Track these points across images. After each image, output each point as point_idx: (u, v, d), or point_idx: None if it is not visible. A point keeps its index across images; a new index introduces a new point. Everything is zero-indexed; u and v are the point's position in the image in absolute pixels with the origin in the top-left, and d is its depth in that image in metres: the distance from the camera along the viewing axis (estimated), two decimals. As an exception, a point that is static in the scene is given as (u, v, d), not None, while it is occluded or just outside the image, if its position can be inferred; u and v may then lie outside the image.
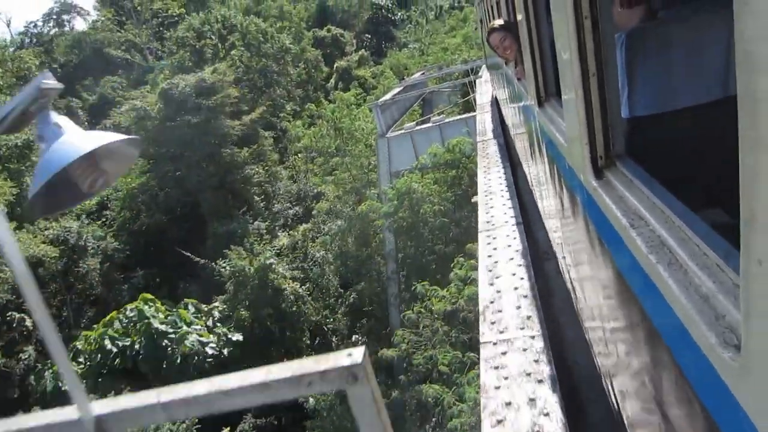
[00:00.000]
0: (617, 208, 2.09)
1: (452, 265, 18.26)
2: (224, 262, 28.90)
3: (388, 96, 27.91)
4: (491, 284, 5.88)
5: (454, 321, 16.89)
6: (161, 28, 64.14)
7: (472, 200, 14.85)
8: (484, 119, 14.95)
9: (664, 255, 1.67)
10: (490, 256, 6.51)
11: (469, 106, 29.11)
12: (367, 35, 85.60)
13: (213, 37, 43.19)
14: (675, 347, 1.67)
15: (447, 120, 25.31)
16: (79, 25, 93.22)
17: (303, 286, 29.94)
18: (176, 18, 58.88)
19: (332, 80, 57.20)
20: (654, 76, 2.79)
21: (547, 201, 4.87)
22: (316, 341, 32.13)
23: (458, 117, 25.37)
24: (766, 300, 1.01)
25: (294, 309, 28.50)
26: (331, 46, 67.00)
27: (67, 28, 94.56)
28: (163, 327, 25.33)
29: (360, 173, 29.54)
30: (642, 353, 2.12)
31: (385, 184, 26.42)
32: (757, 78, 0.89)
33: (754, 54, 0.89)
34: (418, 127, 25.94)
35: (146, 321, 25.29)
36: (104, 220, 42.54)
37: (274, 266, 27.94)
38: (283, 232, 40.03)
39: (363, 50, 65.80)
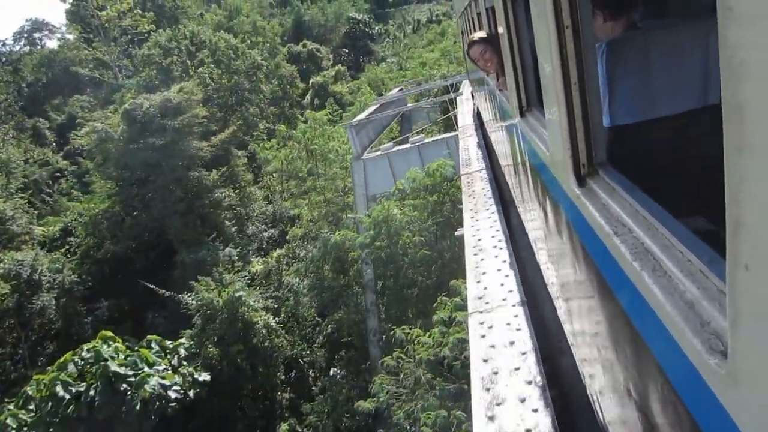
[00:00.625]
0: (600, 215, 2.08)
1: (435, 305, 16.46)
2: (190, 295, 26.69)
3: (362, 115, 26.10)
4: (491, 418, 4.03)
5: (439, 368, 15.08)
6: (131, 46, 61.90)
7: (456, 233, 13.06)
8: (467, 145, 13.19)
9: (648, 262, 1.65)
10: (486, 361, 4.67)
11: (450, 124, 27.53)
12: (344, 50, 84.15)
13: (181, 54, 41.16)
14: (660, 354, 1.64)
15: (426, 141, 23.62)
16: (52, 43, 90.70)
17: (277, 318, 27.87)
18: (146, 35, 56.69)
19: (308, 96, 55.40)
20: (634, 86, 2.82)
21: (530, 210, 4.84)
22: (292, 374, 30.04)
23: (438, 137, 23.69)
24: (752, 305, 1.00)
25: (266, 344, 26.39)
26: (307, 62, 65.35)
27: (39, 47, 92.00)
28: (121, 369, 23.06)
29: (335, 196, 27.68)
30: (627, 360, 2.06)
31: (361, 210, 24.60)
32: (742, 84, 0.89)
33: (738, 60, 0.89)
34: (396, 149, 24.20)
35: (103, 363, 23.00)
36: (68, 247, 40.13)
37: (244, 299, 25.84)
38: (257, 257, 37.95)
39: (340, 65, 64.12)
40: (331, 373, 29.30)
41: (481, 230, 8.25)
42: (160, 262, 36.46)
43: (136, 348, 25.25)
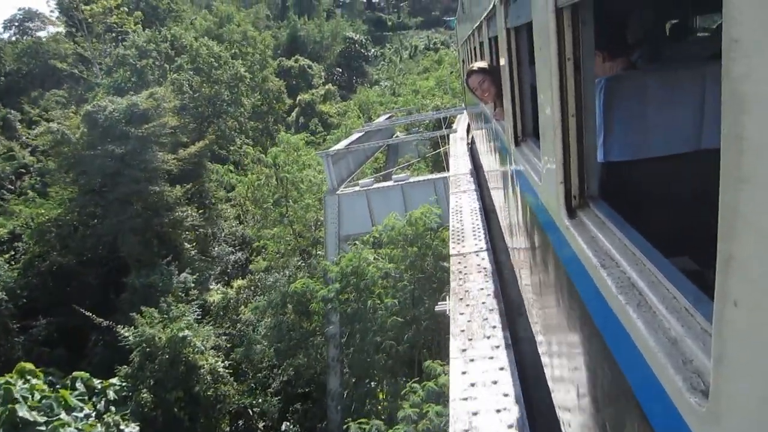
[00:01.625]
0: (588, 248, 2.07)
1: (403, 392, 13.29)
2: (127, 329, 23.17)
3: (341, 144, 22.97)
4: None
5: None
6: (115, 44, 58.54)
7: (436, 308, 10.36)
8: (460, 206, 10.11)
9: (633, 296, 1.65)
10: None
11: (440, 160, 24.61)
12: (338, 69, 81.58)
13: (159, 57, 37.93)
14: (640, 390, 1.62)
15: (412, 180, 20.57)
16: (43, 35, 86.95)
17: (227, 360, 24.35)
18: (131, 34, 53.48)
19: (294, 114, 52.33)
20: (629, 123, 2.81)
21: (518, 238, 4.77)
22: (240, 424, 26.41)
23: (425, 177, 20.67)
24: (739, 343, 0.99)
25: (211, 392, 22.87)
26: (297, 78, 62.48)
27: (28, 37, 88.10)
28: (32, 415, 19.40)
29: (305, 230, 24.48)
30: (606, 394, 2.05)
31: (331, 251, 21.41)
32: (744, 115, 0.90)
33: (741, 92, 0.89)
34: (377, 185, 21.14)
35: (10, 406, 19.34)
36: (13, 253, 36.24)
37: (189, 339, 22.36)
38: (218, 282, 34.39)
39: (330, 84, 61.26)
40: (283, 428, 25.79)
41: (476, 367, 5.37)
42: (112, 281, 32.80)
43: (57, 386, 21.63)
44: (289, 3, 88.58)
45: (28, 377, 21.66)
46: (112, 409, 21.74)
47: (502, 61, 4.38)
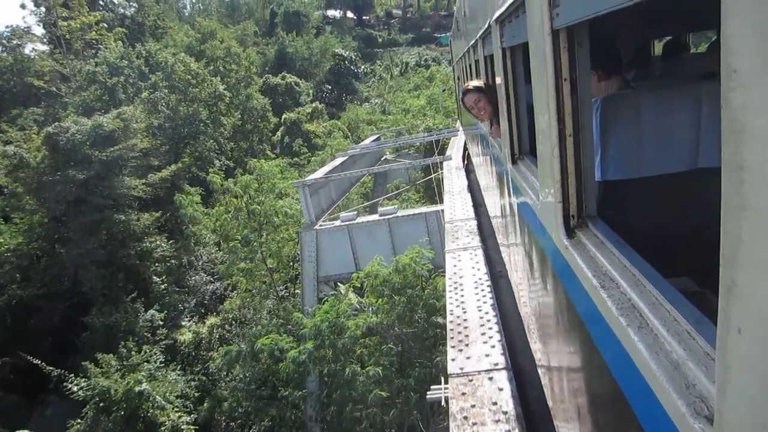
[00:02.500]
0: (588, 268, 2.06)
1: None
2: (77, 381, 20.27)
3: (319, 173, 20.16)
4: None
5: None
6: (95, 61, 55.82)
7: (428, 396, 7.78)
8: (460, 277, 7.42)
9: (634, 318, 1.62)
10: None
11: (433, 187, 21.98)
12: (327, 86, 79.15)
13: (131, 75, 35.23)
14: (642, 414, 1.60)
15: (400, 214, 17.87)
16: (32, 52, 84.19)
17: (193, 414, 21.38)
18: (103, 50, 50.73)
19: (279, 133, 49.66)
20: (626, 143, 2.79)
21: (515, 257, 4.72)
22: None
23: (416, 211, 17.97)
24: (744, 370, 0.98)
25: (173, 454, 19.94)
26: (284, 95, 59.92)
27: (15, 53, 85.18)
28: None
29: (282, 266, 21.68)
30: (608, 418, 2.04)
31: (309, 295, 18.66)
32: (744, 145, 0.90)
33: (741, 122, 0.90)
34: (361, 220, 18.42)
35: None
36: (-28, 284, 33.18)
37: (147, 393, 19.46)
38: (193, 317, 31.40)
39: (317, 102, 58.70)
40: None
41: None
42: (76, 317, 29.79)
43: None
44: (278, 19, 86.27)
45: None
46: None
47: (498, 80, 4.31)
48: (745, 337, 0.94)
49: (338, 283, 19.43)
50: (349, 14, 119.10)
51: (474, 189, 13.36)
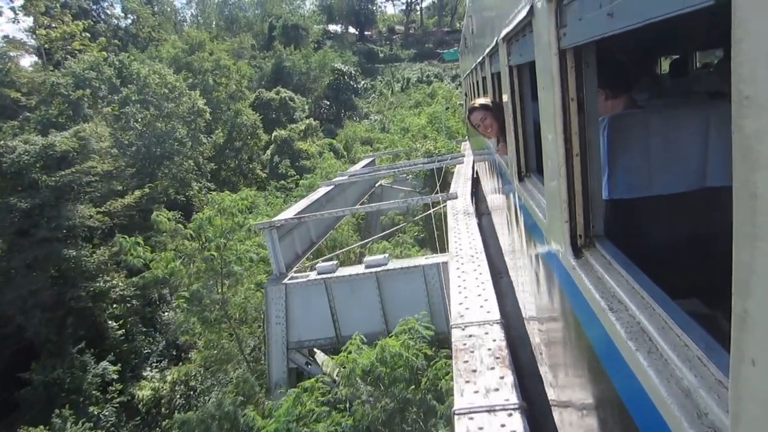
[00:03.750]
0: (596, 289, 2.01)
1: None
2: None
3: (290, 212, 15.82)
4: None
5: None
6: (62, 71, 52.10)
7: None
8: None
9: (644, 342, 1.58)
10: None
11: (431, 224, 17.93)
12: (326, 101, 75.46)
13: (100, 87, 31.34)
14: None
15: (391, 267, 13.74)
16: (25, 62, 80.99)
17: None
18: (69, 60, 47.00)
19: (269, 152, 45.72)
20: (633, 162, 2.76)
21: (522, 275, 4.70)
22: None
23: (411, 263, 13.78)
24: (759, 404, 0.95)
25: None
26: (278, 111, 56.08)
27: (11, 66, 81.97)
28: None
29: (246, 326, 17.57)
30: None
31: (276, 366, 14.59)
32: (758, 174, 0.89)
33: (754, 149, 0.89)
34: (341, 273, 14.28)
35: None
36: None
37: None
38: (158, 364, 27.20)
39: (312, 119, 54.83)
40: None
41: None
42: (22, 365, 25.67)
43: None
44: (276, 33, 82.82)
45: None
46: None
47: (505, 98, 4.28)
48: (760, 369, 0.92)
49: (314, 351, 15.36)
50: (351, 29, 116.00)
51: (491, 245, 9.46)
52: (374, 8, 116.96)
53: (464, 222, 11.46)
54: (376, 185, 25.95)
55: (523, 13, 2.83)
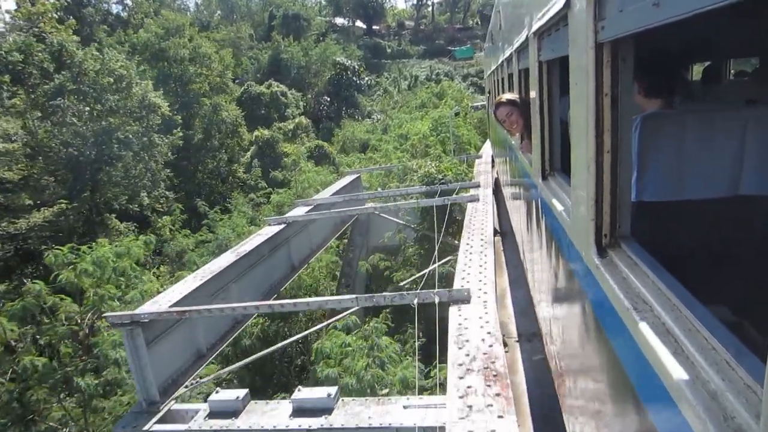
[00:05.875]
0: (620, 289, 1.92)
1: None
2: None
3: (164, 299, 8.88)
4: None
5: None
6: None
7: None
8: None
9: (669, 344, 1.50)
10: None
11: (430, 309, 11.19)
12: (326, 98, 68.71)
13: (34, 73, 24.84)
14: None
15: (339, 420, 7.10)
16: None
17: None
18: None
19: (248, 155, 39.08)
20: (664, 165, 2.66)
21: (540, 273, 4.65)
22: None
23: (381, 412, 7.18)
24: None
25: None
26: (268, 107, 49.43)
27: None
28: None
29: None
30: None
31: None
32: None
33: None
34: (250, 417, 7.61)
35: None
36: None
37: None
38: None
39: (304, 117, 48.06)
40: None
41: None
42: None
43: None
44: (275, 22, 76.02)
45: None
46: None
47: (533, 94, 4.18)
48: None
49: None
50: (359, 23, 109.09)
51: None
52: (384, 2, 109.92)
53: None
54: (362, 210, 19.21)
55: (559, 6, 2.70)
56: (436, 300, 7.16)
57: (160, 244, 28.37)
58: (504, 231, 12.53)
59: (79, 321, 9.70)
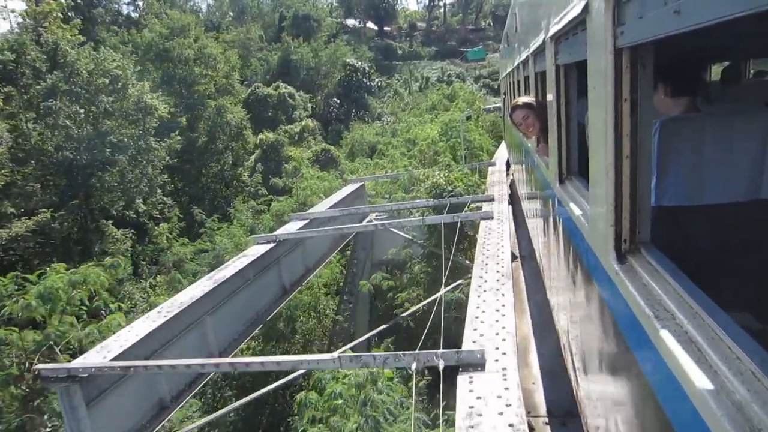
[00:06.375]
0: (640, 296, 1.87)
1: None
2: None
3: (102, 352, 7.40)
4: None
5: None
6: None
7: None
8: None
9: (692, 352, 1.46)
10: None
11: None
12: (336, 99, 67.28)
13: (22, 74, 23.61)
14: None
15: None
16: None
17: None
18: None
19: (252, 158, 37.72)
20: (684, 169, 2.61)
21: (556, 279, 4.56)
22: None
23: None
24: None
25: None
26: (275, 109, 48.08)
27: None
28: None
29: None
30: None
31: None
32: None
33: None
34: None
35: None
36: None
37: None
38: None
39: (310, 119, 46.62)
40: None
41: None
42: None
43: None
44: (285, 23, 74.74)
45: None
46: None
47: (549, 97, 4.14)
48: None
49: None
50: (370, 25, 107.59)
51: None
52: (395, 3, 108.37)
53: None
54: (367, 221, 17.65)
55: (577, 11, 2.67)
56: (441, 365, 5.59)
57: (156, 253, 27.08)
58: (524, 254, 10.94)
59: (24, 364, 8.25)
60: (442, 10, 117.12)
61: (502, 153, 21.08)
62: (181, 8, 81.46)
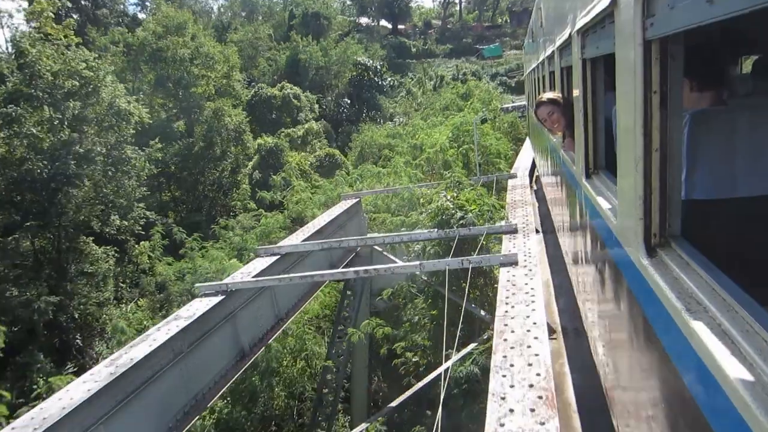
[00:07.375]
0: (671, 289, 1.83)
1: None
2: None
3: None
4: None
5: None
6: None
7: None
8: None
9: (726, 345, 1.41)
10: None
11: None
12: (346, 100, 64.05)
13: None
14: None
15: None
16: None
17: None
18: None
19: (251, 165, 34.65)
20: (715, 162, 2.51)
21: (584, 274, 4.46)
22: None
23: None
24: None
25: None
26: (280, 110, 45.01)
27: None
28: None
29: None
30: None
31: None
32: None
33: None
34: None
35: None
36: None
37: None
38: None
39: (314, 121, 43.41)
40: None
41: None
42: None
43: None
44: (295, 22, 71.66)
45: None
46: None
47: (576, 92, 4.09)
48: None
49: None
50: (384, 23, 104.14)
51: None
52: (410, 1, 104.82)
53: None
54: (343, 276, 14.21)
55: (605, 3, 2.63)
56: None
57: (137, 275, 24.18)
58: (571, 327, 7.69)
59: None
60: (457, 7, 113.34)
61: (524, 158, 17.74)
62: (191, 9, 79.05)
